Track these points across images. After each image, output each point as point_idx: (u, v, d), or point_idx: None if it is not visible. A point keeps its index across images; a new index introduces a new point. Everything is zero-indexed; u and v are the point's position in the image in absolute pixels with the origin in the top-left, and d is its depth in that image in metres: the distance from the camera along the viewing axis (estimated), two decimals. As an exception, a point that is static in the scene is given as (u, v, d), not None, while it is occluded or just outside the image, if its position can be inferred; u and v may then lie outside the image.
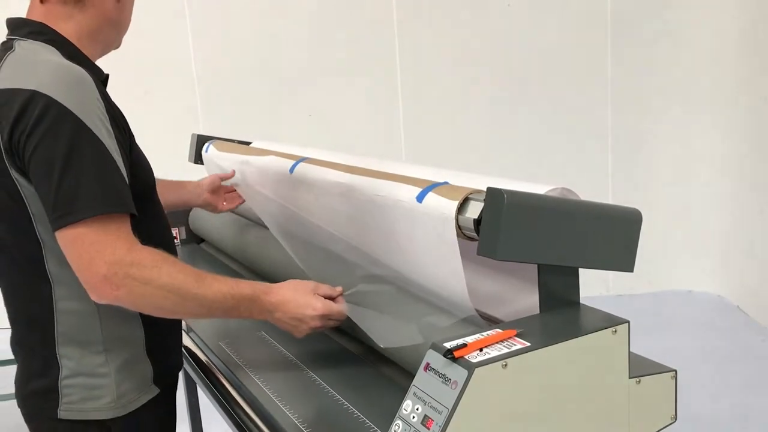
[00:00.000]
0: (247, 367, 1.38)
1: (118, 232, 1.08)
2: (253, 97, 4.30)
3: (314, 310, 1.24)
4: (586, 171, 4.34)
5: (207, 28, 4.27)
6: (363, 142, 4.23)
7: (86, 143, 1.06)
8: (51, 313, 1.18)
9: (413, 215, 1.16)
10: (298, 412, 1.18)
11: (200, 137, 2.28)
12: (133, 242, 1.10)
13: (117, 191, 1.09)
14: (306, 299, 1.24)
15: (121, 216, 1.09)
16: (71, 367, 1.19)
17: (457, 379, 0.88)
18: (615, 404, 1.02)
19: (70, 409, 1.20)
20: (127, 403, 1.23)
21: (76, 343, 1.19)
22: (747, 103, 3.96)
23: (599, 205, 1.08)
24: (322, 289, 1.28)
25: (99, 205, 1.06)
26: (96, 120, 1.08)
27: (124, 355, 1.22)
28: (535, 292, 1.07)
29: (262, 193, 1.83)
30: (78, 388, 1.20)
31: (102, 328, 1.20)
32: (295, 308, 1.24)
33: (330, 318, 1.27)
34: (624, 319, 1.01)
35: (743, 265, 4.13)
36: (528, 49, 4.27)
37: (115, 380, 1.21)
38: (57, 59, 1.13)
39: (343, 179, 1.42)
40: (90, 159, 1.06)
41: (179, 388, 2.38)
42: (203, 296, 1.14)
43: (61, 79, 1.08)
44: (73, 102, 1.06)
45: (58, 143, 1.05)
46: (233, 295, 1.18)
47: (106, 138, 1.09)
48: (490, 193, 0.98)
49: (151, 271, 1.09)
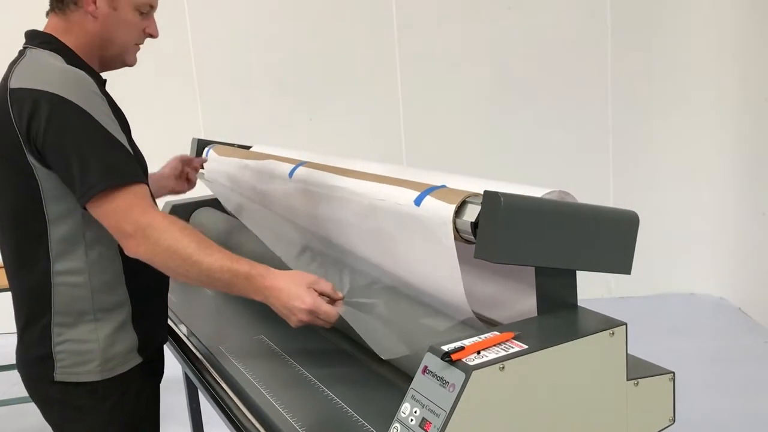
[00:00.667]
0: (247, 371, 1.38)
1: (135, 198, 1.24)
2: (254, 101, 4.32)
3: (302, 303, 1.23)
4: (587, 172, 4.33)
5: (207, 31, 4.28)
6: (363, 145, 4.24)
7: (93, 129, 1.23)
8: (48, 286, 1.33)
9: (411, 219, 1.17)
10: (298, 416, 1.19)
11: (200, 141, 2.29)
12: (148, 206, 1.25)
13: (128, 164, 1.26)
14: (298, 291, 1.24)
15: (134, 184, 1.25)
16: (64, 335, 1.35)
17: (454, 381, 0.88)
18: (613, 406, 1.02)
19: (64, 373, 1.36)
20: (113, 367, 1.39)
21: (69, 314, 1.35)
22: (749, 104, 3.95)
23: (596, 207, 1.08)
24: (321, 285, 1.28)
25: (114, 177, 1.23)
26: (98, 111, 1.25)
27: (112, 325, 1.38)
28: (532, 294, 1.08)
29: (251, 199, 1.86)
30: (70, 354, 1.36)
31: (93, 300, 1.35)
32: (286, 297, 1.24)
33: (318, 316, 1.25)
34: (621, 321, 1.02)
35: (745, 267, 4.12)
36: (528, 51, 4.27)
37: (102, 346, 1.37)
38: (60, 64, 1.31)
39: (341, 183, 1.43)
40: (99, 141, 1.23)
41: (180, 392, 2.40)
42: (201, 262, 1.23)
43: (65, 79, 1.25)
44: (77, 96, 1.23)
45: (71, 132, 1.22)
46: (230, 269, 1.25)
47: (111, 125, 1.26)
48: (486, 196, 0.99)
49: (161, 233, 1.23)
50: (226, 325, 1.71)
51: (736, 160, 4.12)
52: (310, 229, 1.60)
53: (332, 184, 1.46)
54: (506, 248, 0.98)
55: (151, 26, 1.47)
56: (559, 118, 4.32)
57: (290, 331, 1.33)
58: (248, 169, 1.92)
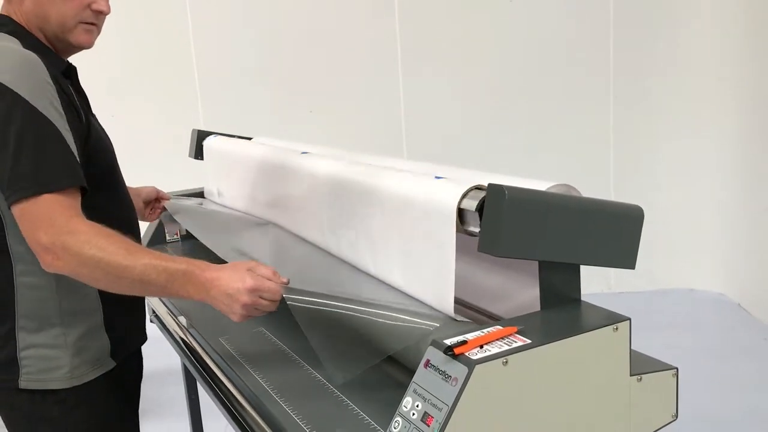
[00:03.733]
0: (247, 363, 1.37)
1: (63, 205, 1.14)
2: (254, 93, 4.30)
3: (243, 283, 1.16)
4: (588, 168, 4.32)
5: (208, 23, 4.26)
6: (364, 138, 4.22)
7: (34, 124, 1.15)
8: (11, 287, 1.26)
9: (414, 210, 1.16)
10: (297, 408, 1.18)
11: (200, 132, 2.28)
12: (74, 214, 1.15)
13: (65, 167, 1.16)
14: (240, 274, 1.17)
15: (67, 190, 1.15)
16: (29, 340, 1.27)
17: (457, 376, 0.87)
18: (616, 402, 1.01)
19: (29, 380, 1.28)
20: (82, 374, 1.30)
21: (34, 317, 1.27)
22: (751, 101, 3.94)
23: (601, 201, 1.07)
24: (260, 269, 1.20)
25: (45, 180, 1.13)
26: (45, 102, 1.17)
27: (81, 329, 1.30)
28: (535, 286, 1.07)
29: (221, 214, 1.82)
30: (36, 359, 1.27)
31: (60, 303, 1.27)
32: (226, 283, 1.16)
33: (261, 294, 1.17)
34: (625, 316, 1.01)
35: (745, 264, 4.12)
36: (530, 45, 4.26)
37: (71, 352, 1.29)
38: (12, 46, 1.22)
39: (342, 173, 1.42)
40: (38, 139, 1.15)
41: (179, 384, 2.40)
42: (133, 268, 1.14)
43: (13, 65, 1.17)
44: (23, 86, 1.15)
45: (9, 126, 1.14)
46: (166, 269, 1.16)
47: (57, 118, 1.18)
48: (491, 189, 0.98)
49: (83, 242, 1.12)
50: (225, 317, 1.70)
51: (737, 157, 4.11)
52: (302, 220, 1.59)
53: (330, 173, 1.45)
54: (510, 242, 0.97)
55: (98, 1, 1.32)
56: (560, 113, 4.31)
57: (290, 323, 1.32)
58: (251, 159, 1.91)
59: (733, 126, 4.10)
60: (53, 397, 1.29)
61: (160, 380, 3.21)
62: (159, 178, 2.76)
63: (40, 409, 1.30)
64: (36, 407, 1.30)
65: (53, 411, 1.30)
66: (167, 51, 4.22)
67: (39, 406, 1.30)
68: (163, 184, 2.04)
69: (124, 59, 4.07)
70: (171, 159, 3.52)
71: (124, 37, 3.87)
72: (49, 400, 1.29)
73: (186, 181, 2.38)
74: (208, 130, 2.31)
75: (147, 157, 3.87)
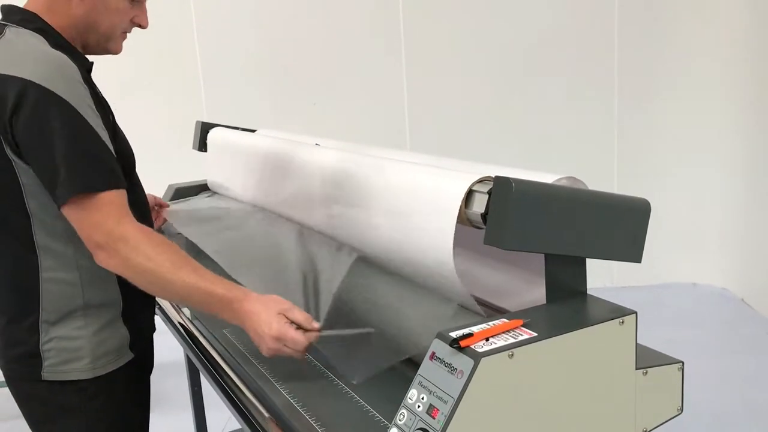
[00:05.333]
0: (250, 355, 1.37)
1: (111, 205, 1.18)
2: (257, 85, 4.29)
3: (269, 329, 1.16)
4: (592, 161, 4.31)
5: (211, 15, 4.25)
6: (368, 130, 4.21)
7: (76, 126, 1.17)
8: (36, 282, 1.27)
9: (418, 201, 1.15)
10: (301, 399, 1.18)
11: (204, 124, 2.27)
12: (124, 215, 1.19)
13: (108, 167, 1.20)
14: (269, 316, 1.17)
15: (111, 190, 1.19)
16: (52, 332, 1.29)
17: (463, 368, 0.87)
18: (621, 395, 1.01)
19: (52, 371, 1.30)
20: (104, 365, 1.33)
21: (57, 310, 1.28)
22: (757, 95, 3.92)
23: (607, 194, 1.07)
24: (294, 313, 1.18)
25: (90, 182, 1.17)
26: (82, 103, 1.18)
27: (102, 321, 1.32)
28: (541, 283, 1.06)
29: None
30: (58, 351, 1.29)
31: (83, 296, 1.30)
32: (257, 323, 1.17)
33: (285, 344, 1.16)
34: (631, 309, 1.01)
35: (748, 258, 4.11)
36: (535, 38, 4.24)
37: (92, 343, 1.31)
38: (44, 47, 1.22)
39: (347, 163, 1.41)
40: (81, 140, 1.17)
41: (182, 376, 2.40)
42: (175, 282, 1.18)
43: (49, 67, 1.17)
44: (61, 89, 1.16)
45: (52, 129, 1.15)
46: (205, 291, 1.19)
47: (93, 118, 1.20)
48: (497, 181, 0.97)
49: (131, 249, 1.17)
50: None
51: (742, 151, 4.09)
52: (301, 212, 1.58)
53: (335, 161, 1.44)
54: (517, 235, 0.97)
55: (141, 16, 1.38)
56: (565, 105, 4.29)
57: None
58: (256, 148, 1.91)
59: (737, 120, 4.09)
60: (73, 387, 1.31)
61: (163, 372, 3.21)
62: (163, 170, 2.77)
63: (59, 398, 1.32)
64: (55, 396, 1.32)
65: (72, 400, 1.32)
66: (171, 43, 4.21)
67: (58, 395, 1.32)
68: (166, 177, 2.04)
69: (127, 51, 4.05)
70: (174, 151, 3.52)
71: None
72: (69, 390, 1.31)
73: (189, 173, 2.38)
74: (212, 122, 2.30)
75: (150, 149, 3.86)
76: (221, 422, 2.75)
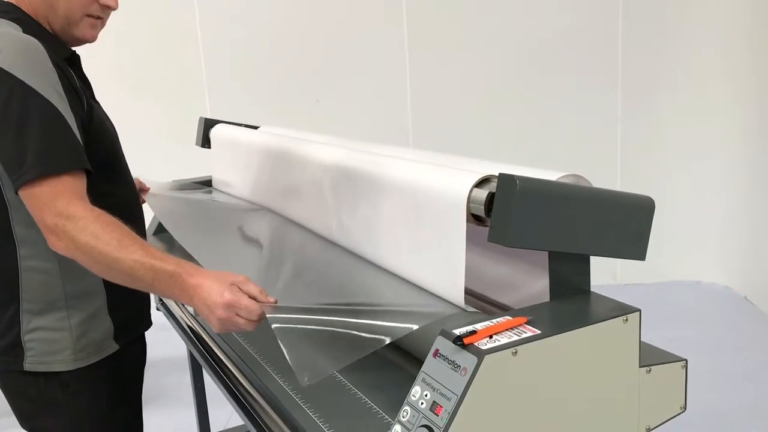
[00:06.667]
0: (254, 351, 1.37)
1: (66, 187, 1.14)
2: (261, 83, 4.29)
3: (221, 297, 1.10)
4: (595, 158, 4.31)
5: (215, 13, 4.24)
6: (371, 127, 4.21)
7: (36, 107, 1.15)
8: (16, 271, 1.27)
9: (424, 199, 1.15)
10: (304, 395, 1.18)
11: (207, 121, 2.27)
12: (77, 197, 1.15)
13: (69, 149, 1.17)
14: (222, 287, 1.11)
15: (72, 172, 1.16)
16: (34, 323, 1.29)
17: (466, 365, 0.87)
18: (625, 393, 1.01)
19: (34, 362, 1.29)
20: (86, 357, 1.32)
21: (39, 300, 1.28)
22: (760, 93, 3.91)
23: (612, 192, 1.06)
24: (248, 286, 1.13)
25: (48, 163, 1.14)
26: (46, 85, 1.17)
27: (85, 312, 1.32)
28: (544, 276, 1.06)
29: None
30: (40, 342, 1.29)
31: (64, 286, 1.29)
32: (207, 293, 1.11)
33: (237, 312, 1.10)
34: (635, 307, 1.00)
35: (751, 256, 4.10)
36: (538, 36, 4.23)
37: (74, 335, 1.30)
38: (12, 31, 1.22)
39: (350, 161, 1.41)
40: (40, 122, 1.15)
41: (184, 371, 2.40)
42: (122, 262, 1.12)
43: (14, 49, 1.17)
44: (24, 71, 1.15)
45: (11, 111, 1.14)
46: (153, 267, 1.13)
47: (58, 101, 1.18)
48: (501, 178, 0.97)
49: (79, 228, 1.12)
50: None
51: (746, 150, 4.08)
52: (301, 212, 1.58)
53: (337, 161, 1.44)
54: (521, 232, 0.96)
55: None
56: (569, 103, 4.29)
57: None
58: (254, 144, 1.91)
59: (741, 119, 4.08)
60: (57, 382, 1.31)
61: (166, 368, 3.23)
62: (166, 167, 2.77)
63: (45, 393, 1.32)
64: (40, 391, 1.32)
65: (57, 395, 1.32)
66: (174, 40, 4.21)
67: (43, 390, 1.31)
68: (169, 173, 2.03)
69: (130, 48, 4.06)
70: (178, 147, 3.52)
71: (130, 25, 3.86)
72: (53, 385, 1.31)
73: (193, 170, 2.38)
74: (215, 118, 2.31)
75: (154, 146, 3.87)
76: (224, 418, 2.75)
